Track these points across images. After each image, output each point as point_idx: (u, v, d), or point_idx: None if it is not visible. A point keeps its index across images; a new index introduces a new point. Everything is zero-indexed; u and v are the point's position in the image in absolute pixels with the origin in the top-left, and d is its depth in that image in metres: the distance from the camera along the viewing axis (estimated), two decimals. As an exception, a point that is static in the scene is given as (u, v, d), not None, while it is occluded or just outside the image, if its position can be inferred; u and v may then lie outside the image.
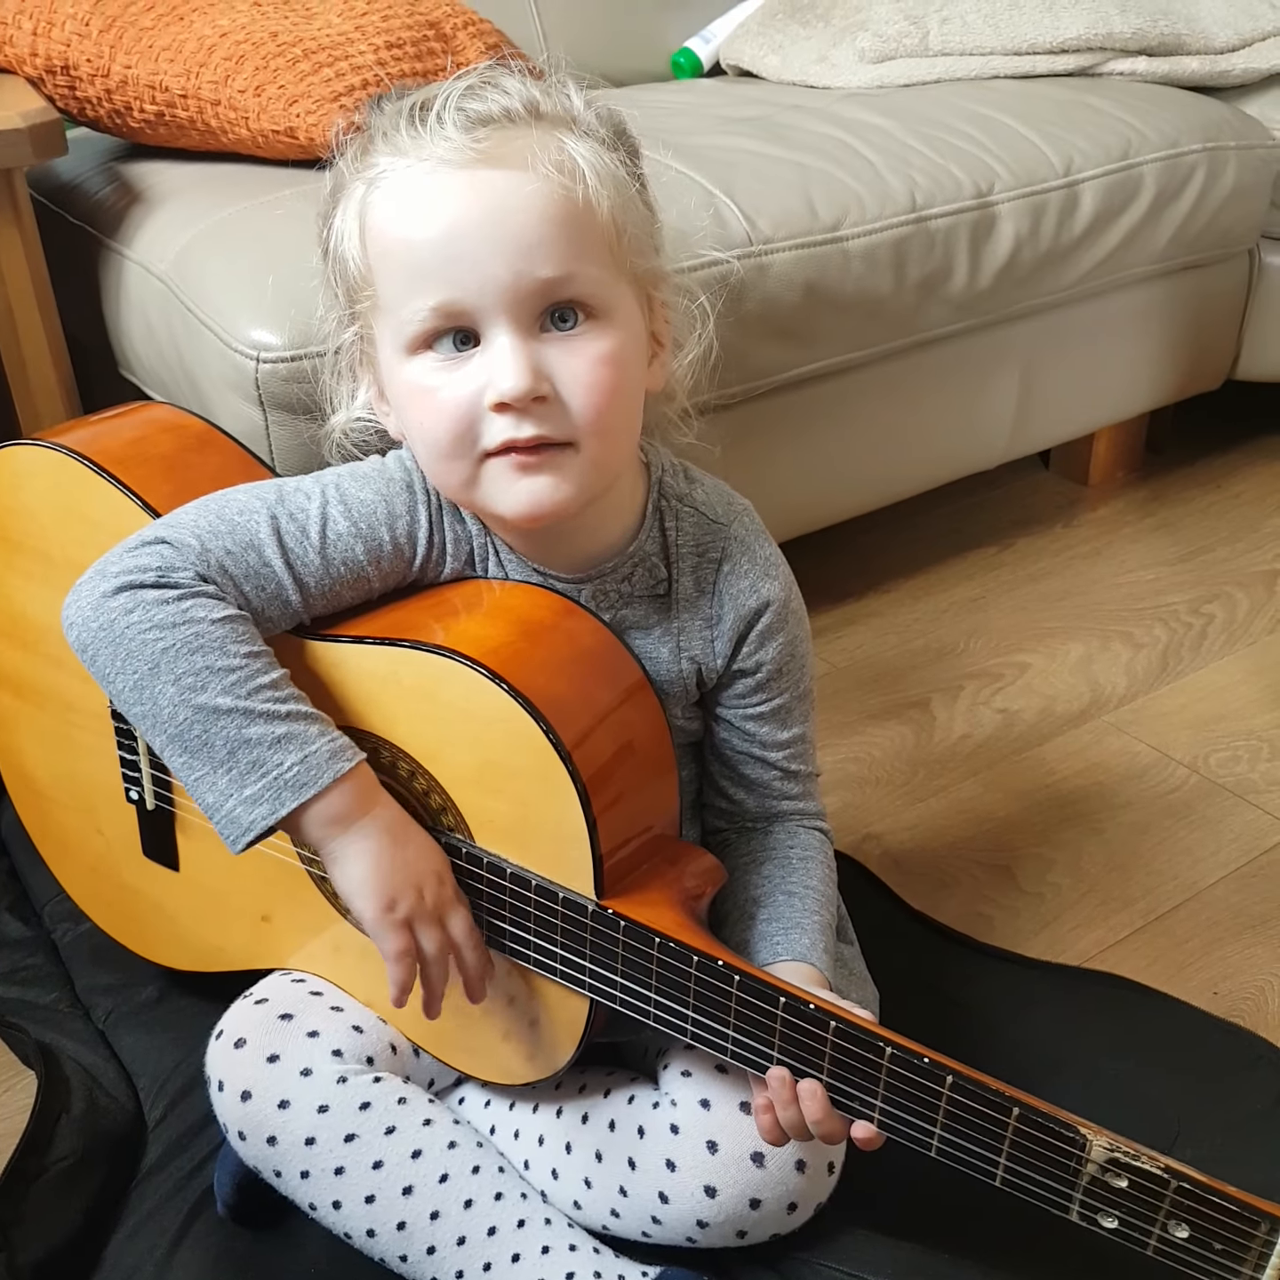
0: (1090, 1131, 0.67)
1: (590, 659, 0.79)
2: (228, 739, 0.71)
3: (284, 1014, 0.85)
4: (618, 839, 0.76)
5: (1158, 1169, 0.66)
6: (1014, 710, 1.44)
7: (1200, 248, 1.64)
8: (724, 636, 0.85)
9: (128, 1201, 0.91)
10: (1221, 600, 1.62)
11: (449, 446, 0.74)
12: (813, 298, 1.32)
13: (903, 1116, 0.71)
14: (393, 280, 0.74)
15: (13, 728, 1.00)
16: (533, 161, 0.71)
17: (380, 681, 0.78)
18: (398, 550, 0.80)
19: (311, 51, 1.27)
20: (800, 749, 0.90)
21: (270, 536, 0.76)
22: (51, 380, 1.28)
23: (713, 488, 0.87)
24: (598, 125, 0.76)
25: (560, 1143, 0.85)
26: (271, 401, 1.07)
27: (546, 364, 0.72)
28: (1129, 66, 1.70)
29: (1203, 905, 1.17)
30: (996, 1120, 0.68)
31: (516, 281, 0.71)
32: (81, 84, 1.30)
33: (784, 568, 0.87)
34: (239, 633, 0.73)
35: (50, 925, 1.12)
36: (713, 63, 1.88)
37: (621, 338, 0.75)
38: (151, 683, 0.71)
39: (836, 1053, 0.71)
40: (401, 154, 0.73)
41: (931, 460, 1.60)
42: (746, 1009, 0.73)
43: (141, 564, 0.73)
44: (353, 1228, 0.82)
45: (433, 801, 0.79)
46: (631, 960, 0.75)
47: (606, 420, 0.74)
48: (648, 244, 0.78)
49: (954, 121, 1.49)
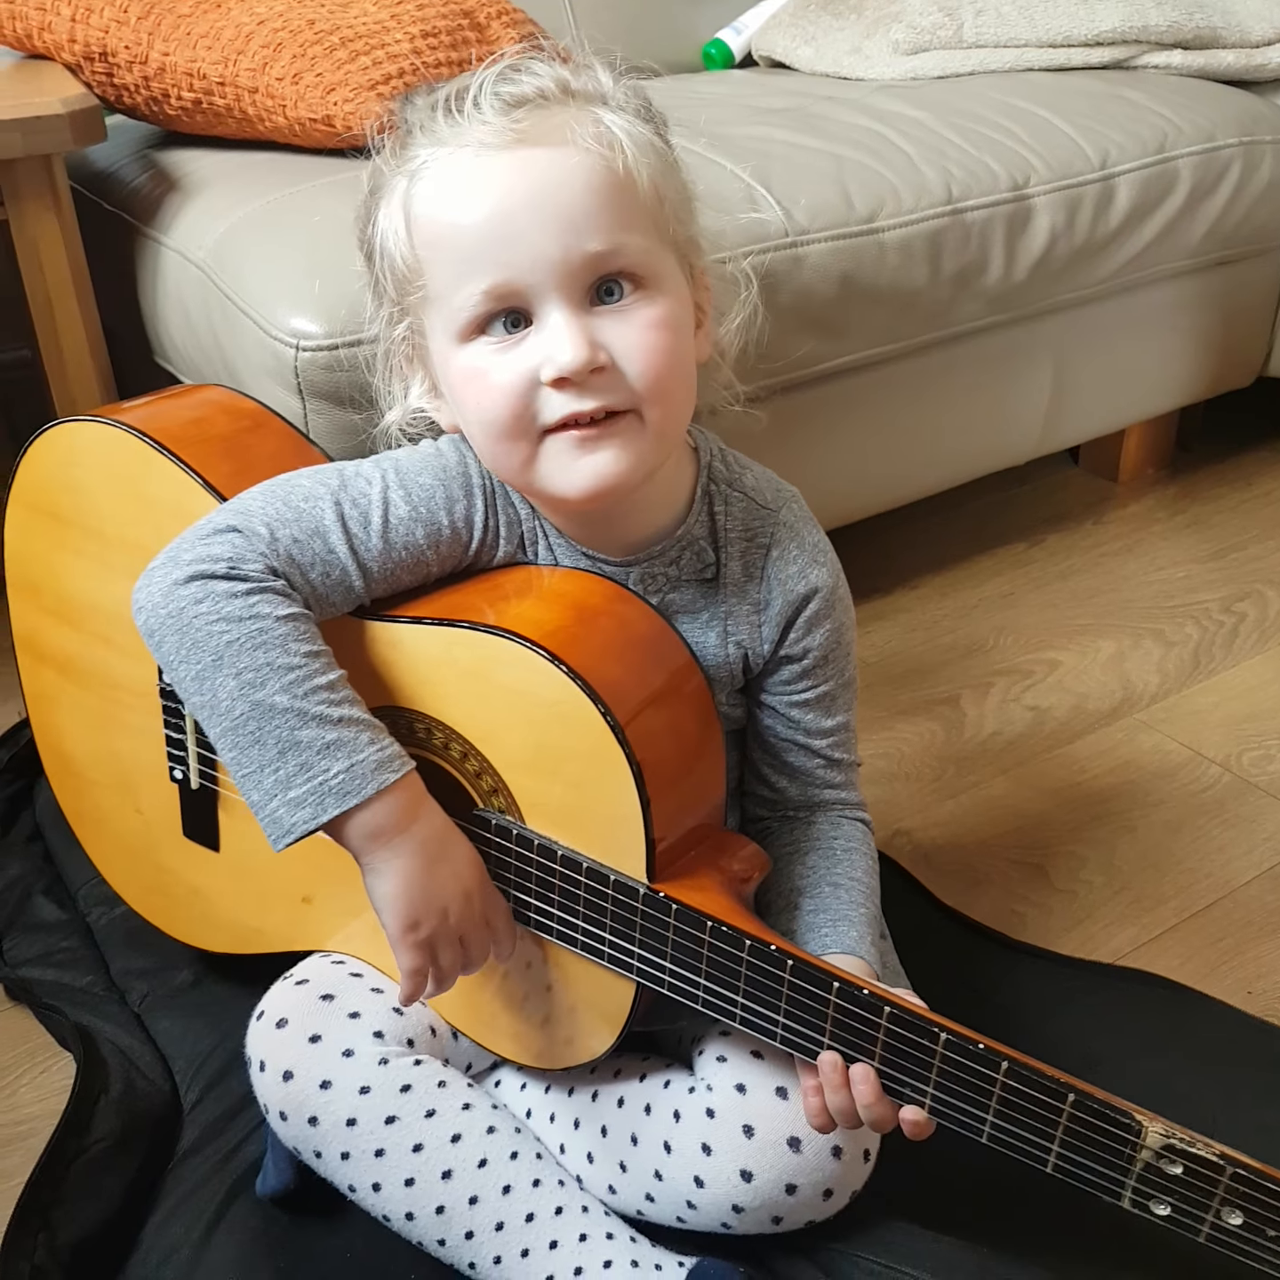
0: (1146, 1118, 0.67)
1: (643, 644, 0.79)
2: (279, 739, 0.71)
3: (325, 995, 0.85)
4: (669, 823, 0.76)
5: (1213, 1155, 0.66)
6: (1045, 707, 1.43)
7: (1235, 243, 1.63)
8: (771, 622, 0.85)
9: (164, 1184, 0.91)
10: (1253, 598, 1.61)
11: (508, 426, 0.74)
12: (847, 289, 1.31)
13: (955, 1103, 0.71)
14: (442, 268, 0.74)
15: (54, 705, 1.00)
16: (571, 136, 0.72)
17: (436, 662, 0.78)
18: (455, 534, 0.81)
19: (348, 40, 1.27)
20: (843, 737, 0.90)
21: (335, 523, 0.77)
22: (89, 369, 1.28)
23: (761, 474, 0.88)
24: (628, 99, 0.77)
25: (595, 1126, 0.86)
26: (310, 390, 1.07)
27: (601, 336, 0.73)
28: (1164, 60, 1.69)
29: (1236, 904, 1.17)
30: (1051, 1106, 0.68)
31: (566, 256, 0.71)
32: (119, 71, 1.30)
33: (831, 555, 0.87)
34: (301, 631, 0.73)
35: (85, 909, 1.12)
36: (744, 54, 1.87)
37: (670, 303, 0.75)
38: (213, 674, 0.72)
39: (889, 1038, 0.71)
40: (441, 143, 0.74)
41: (962, 455, 1.60)
42: (799, 994, 0.73)
43: (214, 553, 0.74)
44: (391, 1210, 0.82)
45: (484, 783, 0.79)
46: (682, 944, 0.75)
47: (665, 384, 0.74)
48: (686, 211, 0.79)
49: (989, 114, 1.49)
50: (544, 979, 0.83)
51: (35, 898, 1.14)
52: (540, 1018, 0.84)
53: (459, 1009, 0.87)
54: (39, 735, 1.04)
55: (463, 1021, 0.88)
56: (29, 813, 1.23)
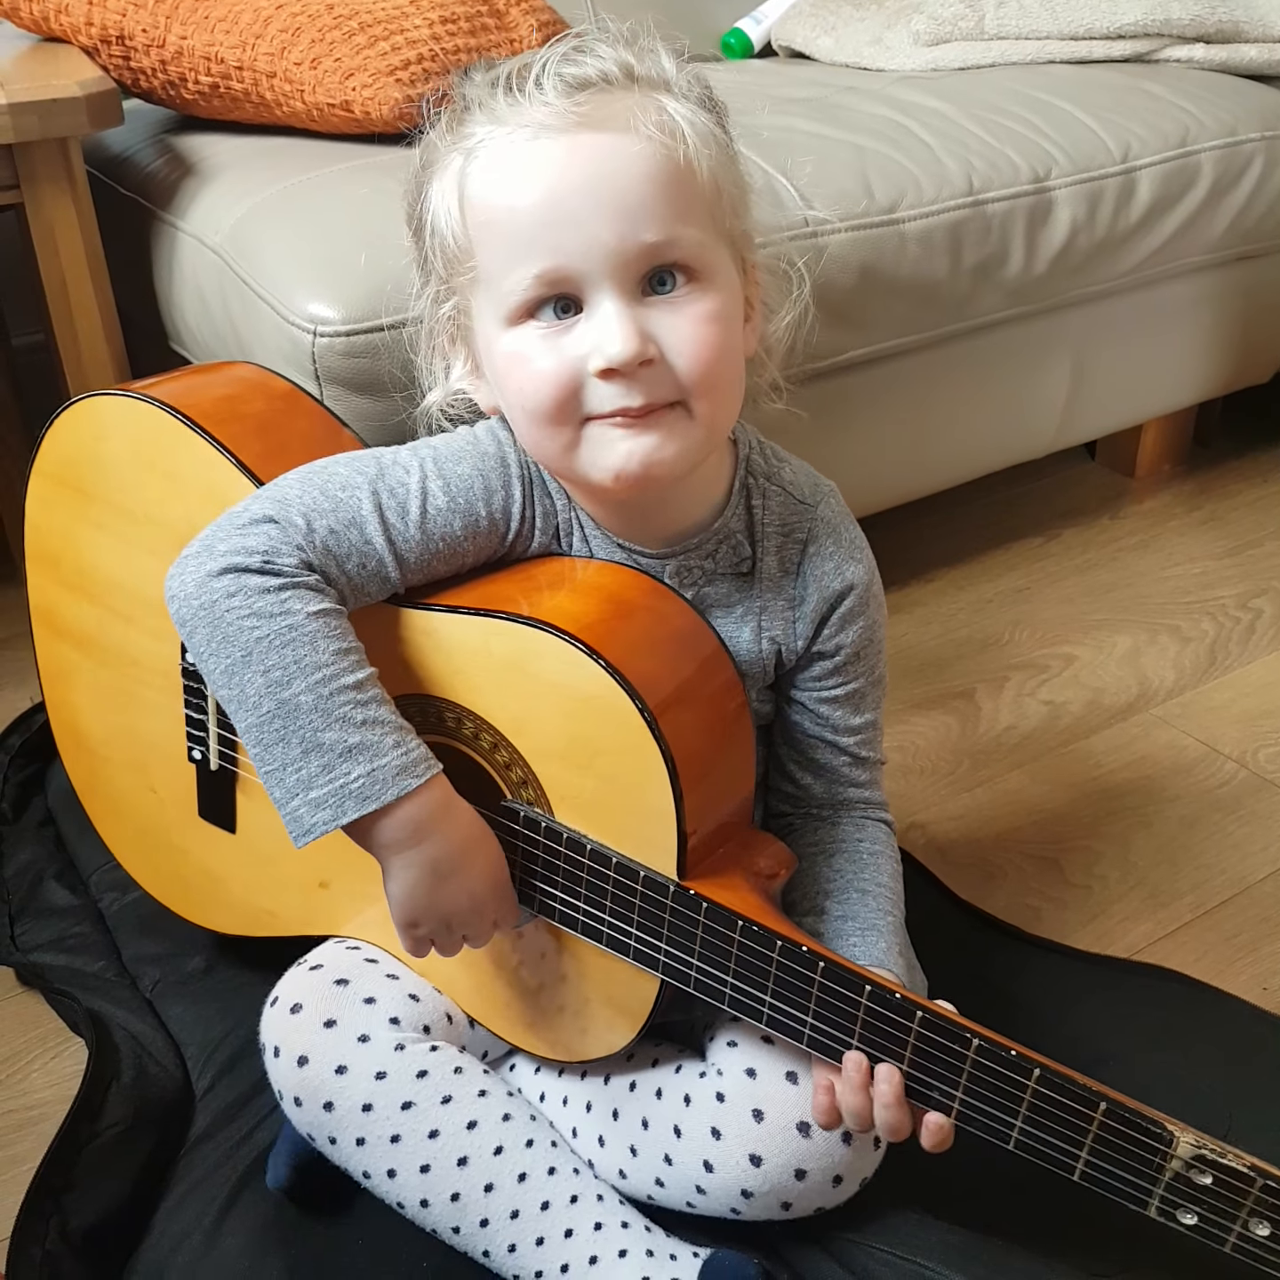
0: (1177, 1128, 0.66)
1: (679, 639, 0.78)
2: (303, 739, 0.71)
3: (340, 979, 0.85)
4: (700, 819, 0.75)
5: (1243, 1166, 0.65)
6: (1060, 702, 1.42)
7: (1256, 238, 1.62)
8: (806, 618, 0.85)
9: (176, 1170, 0.91)
10: (1270, 595, 1.60)
11: (552, 413, 0.73)
12: (867, 280, 1.31)
13: (984, 1108, 0.70)
14: (495, 250, 0.73)
15: (70, 682, 1.00)
16: (634, 123, 0.71)
17: (470, 651, 0.78)
18: (493, 524, 0.80)
19: (367, 25, 1.27)
20: (870, 735, 0.89)
21: (373, 513, 0.76)
22: (103, 353, 1.27)
23: (799, 468, 0.87)
24: (691, 86, 0.76)
25: (607, 1109, 0.85)
26: (327, 376, 1.06)
27: (651, 327, 0.72)
28: (1186, 53, 1.68)
29: (1252, 900, 1.16)
30: (1082, 1114, 0.68)
31: (621, 245, 0.70)
32: (136, 54, 1.30)
33: (868, 551, 0.87)
34: (332, 628, 0.73)
35: (97, 894, 1.12)
36: (763, 44, 1.86)
37: (723, 298, 0.74)
38: (243, 670, 0.72)
39: (920, 1043, 0.71)
40: (500, 122, 0.72)
41: (979, 449, 1.59)
42: (829, 995, 0.73)
43: (249, 545, 0.73)
44: (406, 1197, 0.82)
45: (514, 775, 0.79)
46: (711, 943, 0.75)
47: (714, 378, 0.74)
48: (742, 204, 0.78)
49: (1010, 106, 1.48)
50: (558, 970, 0.82)
51: (47, 883, 1.13)
52: (554, 1008, 0.84)
53: (473, 997, 0.87)
54: (53, 712, 1.03)
55: (477, 1010, 0.87)
56: (41, 798, 1.23)
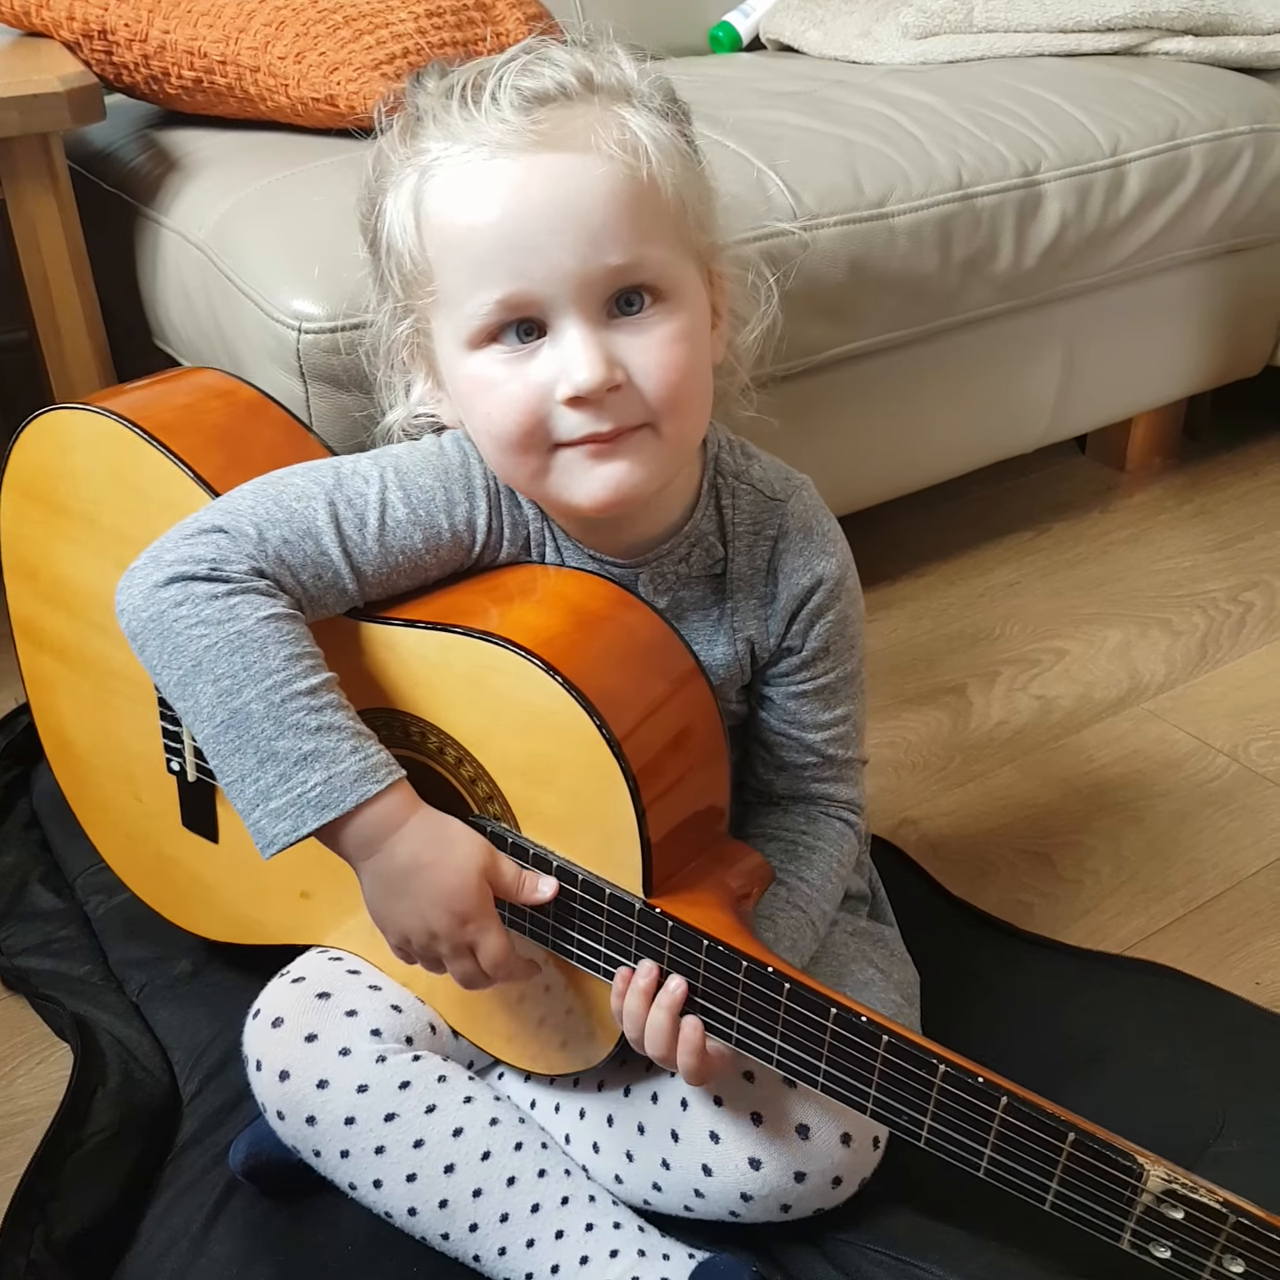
0: (1148, 1161, 0.64)
1: (645, 652, 0.77)
2: (258, 748, 0.69)
3: (321, 993, 0.84)
4: (667, 835, 0.74)
5: (1216, 1203, 0.63)
6: (1051, 697, 1.42)
7: (1245, 231, 1.61)
8: (778, 615, 0.84)
9: (163, 1176, 0.90)
10: (1260, 588, 1.60)
11: (520, 441, 0.72)
12: (857, 275, 1.30)
13: (952, 1136, 0.69)
14: (454, 273, 0.71)
15: (53, 691, 0.99)
16: (595, 141, 0.68)
17: (431, 666, 0.76)
18: (456, 538, 0.79)
19: (352, 18, 1.26)
20: (841, 731, 0.87)
21: (328, 524, 0.74)
22: (86, 350, 1.26)
23: (770, 463, 0.85)
24: (653, 95, 0.74)
25: (601, 1116, 0.85)
26: (312, 373, 1.06)
27: (618, 351, 0.70)
28: (1175, 46, 1.67)
29: (1244, 895, 1.16)
30: (1050, 1145, 0.66)
31: (584, 269, 0.68)
32: (119, 49, 1.29)
33: (842, 544, 0.85)
34: (283, 633, 0.71)
35: (83, 897, 1.11)
36: (752, 37, 1.86)
37: (690, 315, 0.73)
38: (194, 680, 0.70)
39: (887, 1067, 0.69)
40: (455, 139, 0.70)
41: (970, 443, 1.59)
42: (795, 1018, 0.71)
43: (196, 554, 0.71)
44: (394, 1207, 0.81)
45: (479, 790, 0.77)
46: (678, 962, 0.73)
47: (681, 398, 0.72)
48: (708, 216, 0.76)
49: (1000, 99, 1.47)
50: (542, 980, 0.81)
51: (32, 886, 1.13)
52: (535, 1020, 0.83)
53: (455, 1009, 0.86)
54: (39, 720, 1.03)
55: (459, 1021, 0.87)
56: (25, 800, 1.22)
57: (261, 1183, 0.88)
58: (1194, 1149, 0.91)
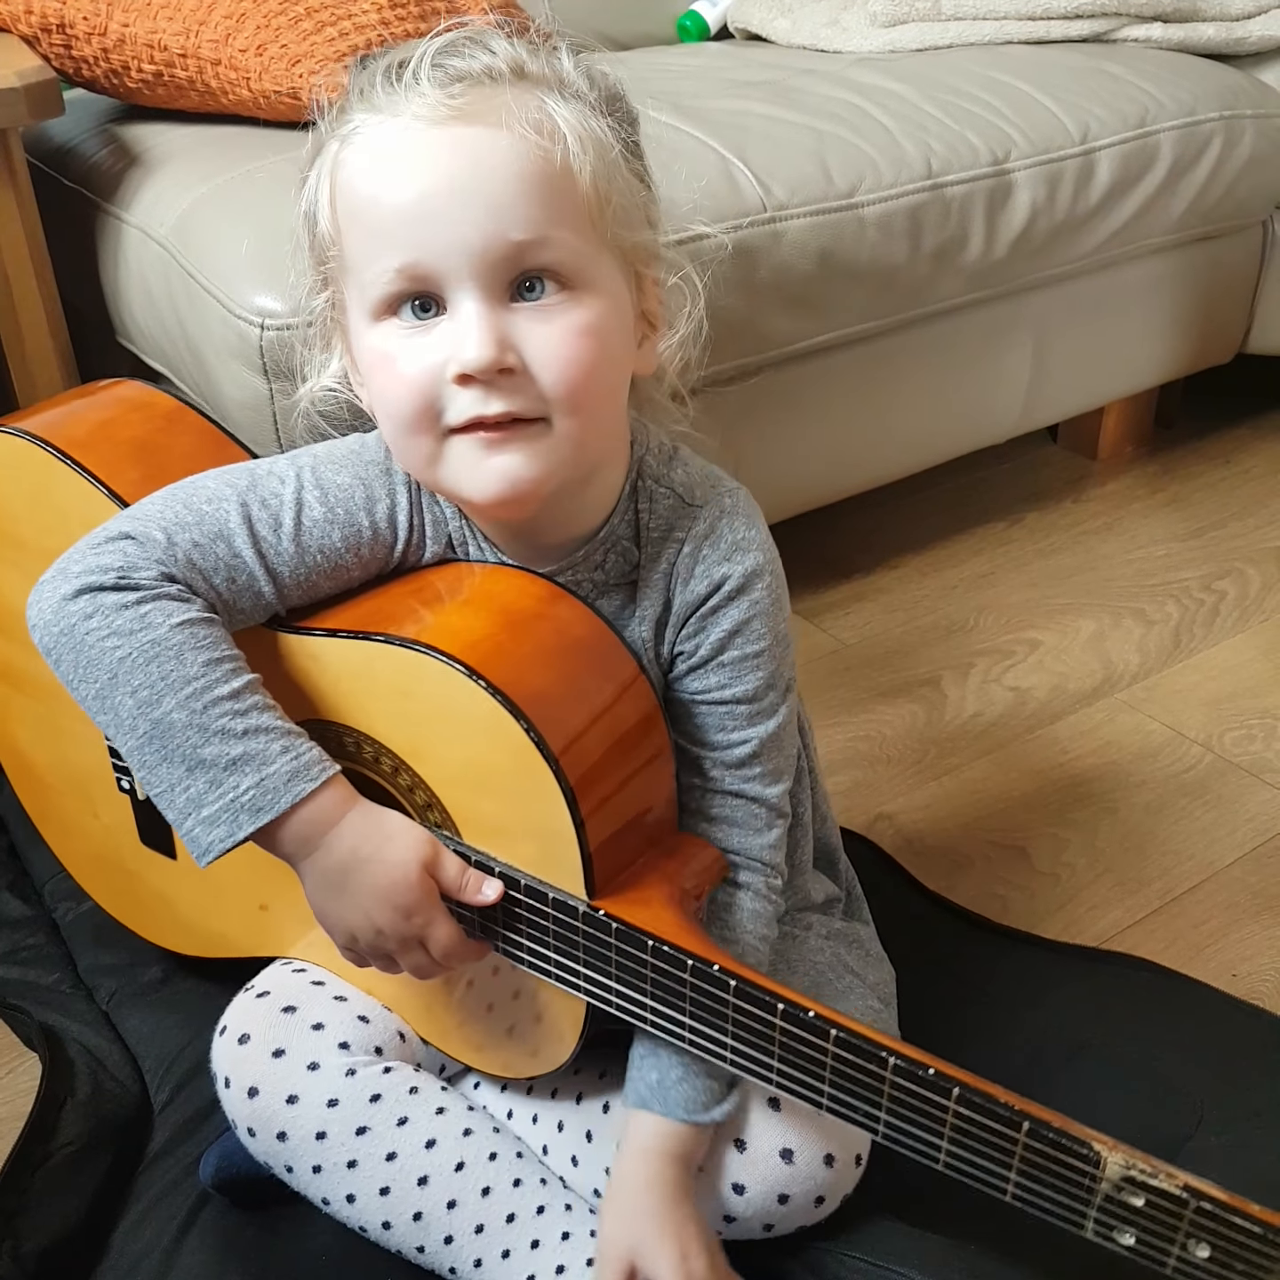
0: (1105, 1148, 0.63)
1: (578, 649, 0.74)
2: (185, 757, 0.68)
3: (287, 1007, 0.83)
4: (609, 836, 0.72)
5: (1176, 1188, 0.62)
6: (1025, 688, 1.42)
7: (1215, 218, 1.61)
8: (673, 622, 0.79)
9: (134, 1188, 0.89)
10: (1233, 577, 1.60)
11: (411, 420, 0.69)
12: (827, 266, 1.29)
13: (908, 1129, 0.68)
14: (359, 240, 0.70)
15: (6, 713, 0.98)
16: (508, 119, 0.67)
17: (358, 676, 0.74)
18: (378, 536, 0.76)
19: (314, 10, 1.24)
20: (741, 755, 0.80)
21: (241, 525, 0.72)
22: (48, 349, 1.25)
23: (699, 470, 0.80)
24: (587, 89, 0.72)
25: (580, 1130, 0.84)
26: (275, 370, 1.04)
27: (515, 334, 0.68)
28: (1144, 33, 1.67)
29: (1220, 886, 1.16)
30: (1006, 1135, 0.65)
31: (485, 244, 0.66)
32: (78, 42, 1.27)
33: (754, 554, 0.78)
34: (199, 638, 0.69)
35: (51, 904, 1.10)
36: (719, 26, 1.85)
37: (600, 311, 0.70)
38: (112, 693, 0.68)
39: (838, 1063, 0.68)
40: (376, 110, 0.69)
41: (943, 433, 1.58)
42: (744, 1016, 0.70)
43: (103, 563, 0.69)
44: (368, 1221, 0.80)
45: (418, 798, 0.76)
46: (625, 965, 0.72)
47: (580, 396, 0.69)
48: (637, 216, 0.74)
49: (969, 87, 1.47)
50: (510, 985, 0.80)
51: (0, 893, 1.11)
52: (504, 1028, 0.81)
53: (422, 1018, 0.85)
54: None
55: (426, 1030, 0.85)
56: (-8, 806, 1.20)
57: (233, 1195, 0.87)
58: (1173, 1142, 0.91)
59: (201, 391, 1.16)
